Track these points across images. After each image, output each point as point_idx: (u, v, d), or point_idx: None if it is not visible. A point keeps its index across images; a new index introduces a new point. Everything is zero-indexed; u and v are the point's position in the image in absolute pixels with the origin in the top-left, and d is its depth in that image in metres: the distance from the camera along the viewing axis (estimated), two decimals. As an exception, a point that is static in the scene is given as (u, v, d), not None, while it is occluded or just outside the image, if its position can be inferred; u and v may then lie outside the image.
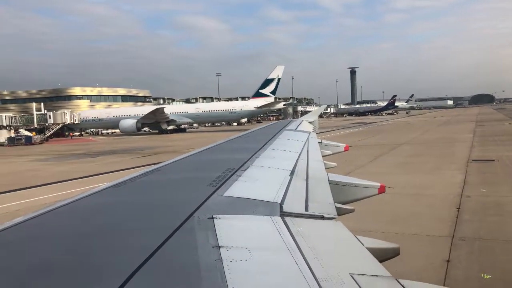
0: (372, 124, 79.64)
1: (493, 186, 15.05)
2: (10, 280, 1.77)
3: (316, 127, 12.62)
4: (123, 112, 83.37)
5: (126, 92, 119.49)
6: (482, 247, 8.81)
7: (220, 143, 7.29)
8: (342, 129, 65.77)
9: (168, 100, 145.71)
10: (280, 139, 7.44)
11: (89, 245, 2.15)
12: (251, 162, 4.54)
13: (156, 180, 4.03)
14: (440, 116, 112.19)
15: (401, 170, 20.17)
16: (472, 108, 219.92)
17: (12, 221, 2.59)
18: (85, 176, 23.63)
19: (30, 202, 16.13)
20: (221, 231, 2.20)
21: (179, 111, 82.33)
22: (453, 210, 11.73)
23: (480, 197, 13.47)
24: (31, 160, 36.33)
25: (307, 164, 4.90)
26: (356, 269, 1.91)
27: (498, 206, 12.14)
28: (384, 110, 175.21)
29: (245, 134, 9.40)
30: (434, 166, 20.90)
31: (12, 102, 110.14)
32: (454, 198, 13.25)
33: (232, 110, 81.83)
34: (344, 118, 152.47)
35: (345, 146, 8.75)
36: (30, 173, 26.65)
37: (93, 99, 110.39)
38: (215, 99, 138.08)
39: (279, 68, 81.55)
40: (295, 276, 1.75)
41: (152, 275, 1.70)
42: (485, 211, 11.60)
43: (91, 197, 3.26)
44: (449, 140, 35.66)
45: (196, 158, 5.59)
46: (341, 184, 4.26)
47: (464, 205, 12.37)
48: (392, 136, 44.80)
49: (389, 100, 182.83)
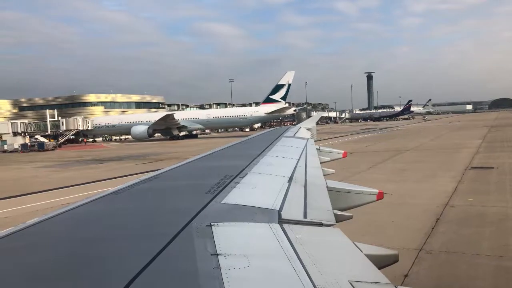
0: (384, 130, 78.68)
1: (483, 195, 14.59)
2: (12, 286, 1.77)
3: (314, 133, 12.56)
4: (135, 118, 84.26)
5: (140, 99, 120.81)
6: (445, 261, 8.48)
7: (218, 150, 7.32)
8: (353, 135, 65.21)
9: (182, 106, 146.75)
10: (278, 145, 7.48)
11: (87, 253, 2.14)
12: (249, 169, 4.54)
13: (154, 187, 4.04)
14: (456, 121, 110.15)
15: (396, 178, 19.77)
16: (491, 113, 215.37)
17: (9, 229, 2.59)
18: (83, 183, 23.88)
19: (20, 210, 16.33)
20: (219, 238, 2.19)
21: (190, 117, 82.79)
22: (432, 221, 11.38)
23: (465, 207, 13.06)
24: (38, 166, 36.93)
25: (305, 170, 4.90)
26: (355, 276, 1.91)
27: (480, 216, 11.73)
28: (400, 115, 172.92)
29: (243, 141, 9.42)
30: (430, 173, 20.42)
31: (29, 109, 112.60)
32: (437, 208, 12.87)
33: (242, 116, 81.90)
34: (359, 123, 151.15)
35: (343, 153, 8.65)
36: (31, 180, 27.06)
37: (107, 105, 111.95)
38: (228, 105, 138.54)
39: (289, 74, 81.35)
40: (294, 283, 1.74)
41: (150, 282, 1.69)
42: (463, 222, 11.23)
43: (89, 205, 3.26)
44: (456, 146, 34.90)
45: (194, 165, 5.61)
46: (340, 191, 4.27)
47: (445, 215, 12.00)
48: (401, 142, 44.10)
49: (404, 105, 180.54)
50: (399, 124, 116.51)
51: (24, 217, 14.34)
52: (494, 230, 10.34)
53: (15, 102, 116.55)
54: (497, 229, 10.39)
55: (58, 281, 1.81)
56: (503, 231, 10.20)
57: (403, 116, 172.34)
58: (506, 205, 12.86)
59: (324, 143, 46.84)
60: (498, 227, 10.61)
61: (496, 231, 10.27)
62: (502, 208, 12.46)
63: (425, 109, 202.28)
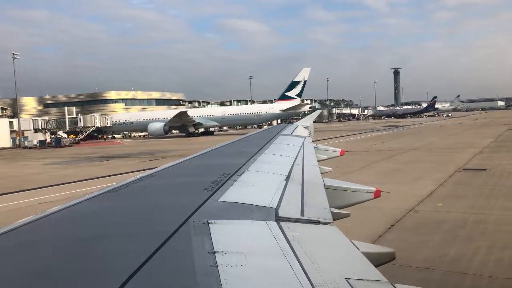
0: (403, 127, 77.03)
1: (456, 199, 14.03)
2: (8, 285, 1.78)
3: (312, 131, 12.56)
4: (152, 115, 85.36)
5: (160, 96, 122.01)
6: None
7: (217, 148, 7.41)
8: (368, 132, 64.07)
9: (203, 103, 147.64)
10: (275, 143, 7.57)
11: (85, 250, 2.16)
12: (246, 167, 4.57)
13: (152, 185, 4.05)
14: (481, 118, 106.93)
15: (381, 179, 19.24)
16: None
17: (7, 226, 2.63)
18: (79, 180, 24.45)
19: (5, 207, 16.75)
20: (216, 236, 2.20)
21: (205, 115, 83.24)
22: (385, 227, 11.00)
23: (429, 212, 12.57)
24: (47, 163, 37.89)
25: (303, 168, 4.91)
26: (352, 274, 1.91)
27: (437, 223, 11.26)
28: (424, 112, 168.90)
29: (241, 139, 9.50)
30: (417, 175, 19.79)
31: (53, 106, 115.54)
32: (400, 213, 12.44)
33: (257, 113, 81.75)
34: (380, 120, 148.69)
35: (340, 151, 8.74)
36: (29, 177, 27.74)
37: (127, 102, 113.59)
38: (249, 101, 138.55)
39: (305, 70, 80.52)
40: (291, 281, 1.74)
41: (147, 280, 1.70)
42: (416, 230, 10.80)
43: (86, 202, 3.29)
44: (463, 145, 33.76)
45: (192, 163, 5.65)
46: (337, 189, 4.27)
47: (402, 221, 11.59)
48: (410, 140, 43.01)
49: (429, 102, 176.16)
50: (421, 121, 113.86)
51: (10, 216, 14.75)
52: (442, 238, 9.89)
53: (40, 100, 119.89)
54: (445, 238, 9.93)
55: (55, 278, 1.82)
56: (450, 240, 9.74)
57: (428, 113, 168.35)
58: (471, 211, 12.30)
59: (332, 141, 46.29)
60: (448, 235, 10.15)
61: (443, 239, 9.82)
62: (465, 215, 11.92)
63: (451, 106, 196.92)
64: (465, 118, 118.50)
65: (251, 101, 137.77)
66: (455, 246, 9.31)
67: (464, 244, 9.44)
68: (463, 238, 9.84)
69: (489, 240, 9.53)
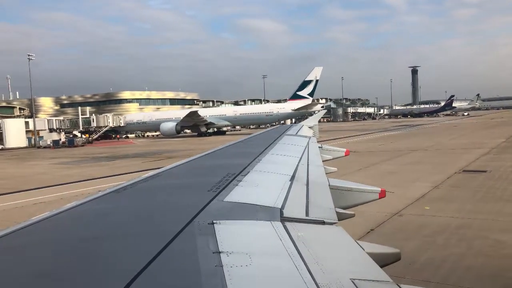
0: (416, 127, 75.84)
1: (446, 203, 13.66)
2: (15, 285, 1.80)
3: (316, 131, 12.49)
4: (164, 115, 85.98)
5: (174, 95, 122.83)
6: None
7: (221, 148, 7.44)
8: (380, 132, 63.30)
9: (217, 102, 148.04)
10: (280, 144, 7.56)
11: (90, 251, 2.18)
12: (251, 167, 4.57)
13: (156, 185, 4.08)
14: (499, 117, 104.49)
15: (377, 181, 18.89)
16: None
17: (12, 227, 2.66)
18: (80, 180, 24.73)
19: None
20: (221, 236, 2.21)
21: (217, 114, 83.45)
22: (364, 232, 10.72)
23: (413, 216, 12.25)
24: (55, 163, 38.43)
25: (308, 169, 4.91)
26: (357, 274, 1.91)
27: (418, 228, 10.95)
28: (441, 111, 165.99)
29: (246, 139, 9.52)
30: (415, 177, 19.39)
31: (69, 106, 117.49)
32: (385, 216, 12.14)
33: (269, 112, 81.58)
34: (396, 119, 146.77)
35: (345, 151, 8.73)
36: (35, 177, 28.15)
37: (142, 102, 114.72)
38: (263, 101, 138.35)
39: (317, 70, 79.99)
40: (296, 281, 1.74)
41: (152, 280, 1.71)
42: (394, 235, 10.52)
43: (91, 203, 3.32)
44: (471, 146, 32.97)
45: (197, 163, 5.67)
46: (342, 189, 4.28)
47: (383, 225, 11.32)
48: (419, 140, 42.27)
49: (446, 101, 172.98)
50: (437, 120, 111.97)
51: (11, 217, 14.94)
52: (416, 245, 9.57)
53: (57, 100, 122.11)
54: (420, 244, 9.61)
55: (60, 279, 1.83)
56: (424, 246, 9.44)
57: (446, 112, 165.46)
58: (457, 215, 11.94)
59: (341, 141, 45.82)
60: (424, 241, 9.86)
61: (418, 246, 9.50)
62: (450, 219, 11.58)
63: (469, 105, 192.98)
64: (482, 117, 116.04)
65: (265, 100, 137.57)
66: (428, 253, 9.02)
67: (437, 251, 9.13)
68: (438, 245, 9.53)
69: (464, 248, 9.21)
